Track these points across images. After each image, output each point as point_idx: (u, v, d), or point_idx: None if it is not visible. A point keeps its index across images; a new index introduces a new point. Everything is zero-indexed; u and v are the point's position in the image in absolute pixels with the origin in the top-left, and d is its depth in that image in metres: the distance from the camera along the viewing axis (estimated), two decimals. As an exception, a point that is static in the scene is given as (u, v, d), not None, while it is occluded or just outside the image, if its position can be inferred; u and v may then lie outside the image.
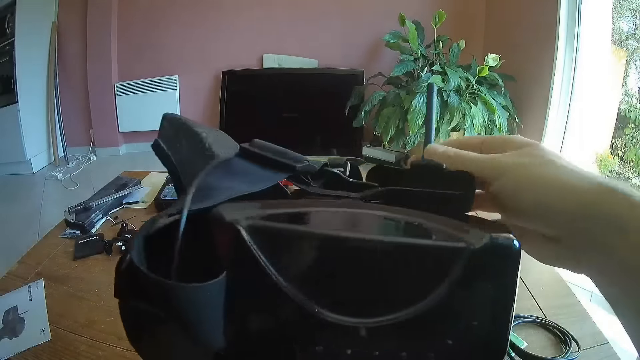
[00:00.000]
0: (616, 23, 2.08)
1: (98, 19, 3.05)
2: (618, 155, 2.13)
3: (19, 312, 0.62)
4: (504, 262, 0.28)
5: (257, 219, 0.29)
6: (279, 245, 0.28)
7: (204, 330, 0.29)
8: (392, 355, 0.29)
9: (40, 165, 3.07)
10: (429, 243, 0.28)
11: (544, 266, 0.87)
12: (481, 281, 0.28)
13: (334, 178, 0.42)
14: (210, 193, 0.32)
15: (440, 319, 0.28)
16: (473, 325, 0.28)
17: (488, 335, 0.29)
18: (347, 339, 0.29)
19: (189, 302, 0.28)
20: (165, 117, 0.41)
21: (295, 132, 3.22)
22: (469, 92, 2.29)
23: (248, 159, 0.38)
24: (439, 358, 0.29)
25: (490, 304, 0.29)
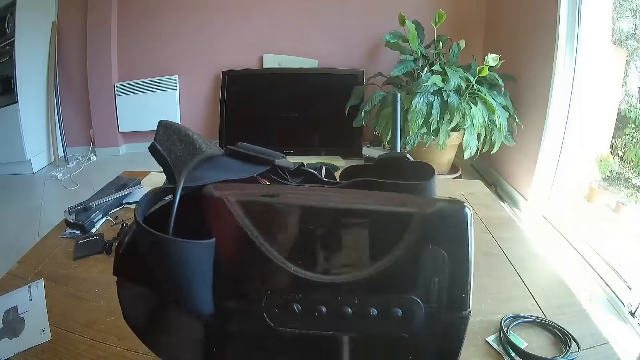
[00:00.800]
0: (616, 23, 2.08)
1: (98, 19, 3.05)
2: (618, 155, 2.13)
3: (19, 312, 0.62)
4: (454, 225, 0.32)
5: (241, 195, 0.33)
6: (260, 215, 0.33)
7: (194, 292, 0.33)
8: (363, 311, 0.32)
9: (40, 165, 3.07)
10: (387, 208, 0.32)
11: (544, 266, 0.88)
12: (435, 242, 0.32)
13: (310, 177, 0.46)
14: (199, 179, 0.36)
15: (403, 276, 0.32)
16: (434, 281, 0.32)
17: (450, 294, 0.33)
18: (321, 297, 0.33)
19: (182, 258, 0.31)
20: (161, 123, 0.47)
21: (295, 132, 3.22)
22: (469, 92, 2.28)
23: (232, 157, 0.43)
24: (406, 313, 0.32)
25: (447, 263, 0.32)
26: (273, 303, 0.33)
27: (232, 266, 0.34)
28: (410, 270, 0.32)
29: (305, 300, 0.33)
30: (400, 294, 0.32)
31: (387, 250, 0.32)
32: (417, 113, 2.19)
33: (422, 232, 0.31)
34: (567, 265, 1.86)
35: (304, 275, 0.32)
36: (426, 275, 0.32)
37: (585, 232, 2.02)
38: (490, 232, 0.94)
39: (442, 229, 0.32)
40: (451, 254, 0.32)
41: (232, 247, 0.33)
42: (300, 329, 0.33)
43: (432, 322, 0.33)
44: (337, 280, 0.32)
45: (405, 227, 0.31)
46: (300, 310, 0.33)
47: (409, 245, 0.31)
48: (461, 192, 1.15)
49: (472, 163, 3.06)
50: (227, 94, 3.21)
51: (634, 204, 2.02)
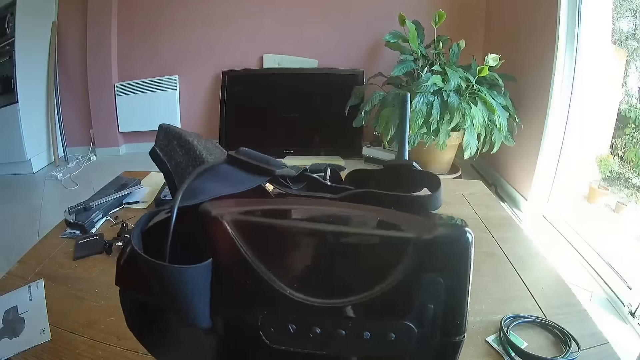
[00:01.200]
0: (616, 23, 2.08)
1: (98, 19, 3.05)
2: (618, 155, 2.13)
3: (19, 312, 0.62)
4: (454, 251, 0.31)
5: (238, 213, 0.33)
6: (256, 236, 0.33)
7: (193, 308, 0.33)
8: (356, 334, 0.32)
9: (40, 165, 3.07)
10: (385, 233, 0.32)
11: (544, 266, 0.88)
12: (434, 267, 0.31)
13: (313, 182, 0.46)
14: (198, 193, 0.36)
15: (397, 302, 0.32)
16: (429, 307, 0.32)
17: (445, 320, 0.32)
18: (316, 319, 0.33)
19: (179, 281, 0.32)
20: (161, 128, 0.47)
21: (295, 132, 3.22)
22: (469, 92, 2.28)
23: (234, 165, 0.42)
24: (400, 338, 0.32)
25: (444, 290, 0.31)
26: (268, 322, 0.34)
27: (228, 284, 0.34)
28: (406, 296, 0.32)
29: (300, 322, 0.33)
30: (394, 319, 0.32)
31: (383, 275, 0.31)
32: (417, 113, 2.19)
33: (419, 258, 0.31)
34: (567, 265, 1.86)
35: (299, 298, 0.32)
36: (421, 302, 0.32)
37: (585, 232, 2.02)
38: (490, 232, 0.94)
39: (440, 256, 0.31)
40: (449, 281, 0.32)
41: (228, 266, 0.33)
42: (295, 347, 0.34)
43: (425, 347, 0.33)
44: (330, 304, 0.32)
45: (403, 253, 0.31)
46: (295, 330, 0.33)
47: (406, 271, 0.31)
48: (461, 192, 1.15)
49: (472, 163, 3.06)
50: (227, 94, 3.21)
51: (634, 204, 2.02)
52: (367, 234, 0.32)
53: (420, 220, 0.33)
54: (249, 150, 0.43)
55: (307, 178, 0.46)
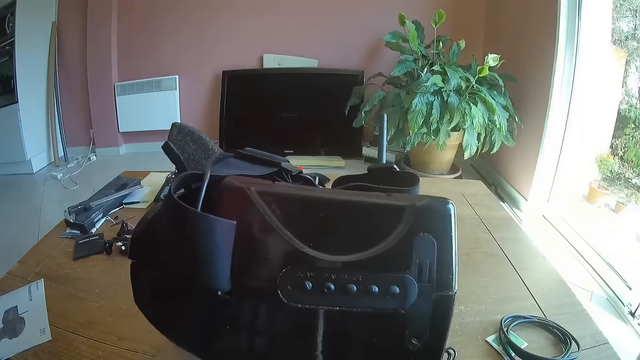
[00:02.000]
0: (616, 23, 2.08)
1: (98, 19, 3.05)
2: (618, 155, 2.13)
3: (19, 312, 0.62)
4: (440, 216, 0.38)
5: (260, 185, 0.39)
6: (277, 203, 0.38)
7: (215, 266, 0.37)
8: (365, 289, 0.38)
9: (40, 165, 3.07)
10: (387, 201, 0.39)
11: (544, 266, 0.88)
12: (425, 229, 0.38)
13: (307, 182, 0.52)
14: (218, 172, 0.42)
15: (399, 258, 0.38)
16: (425, 262, 0.38)
17: (438, 275, 0.38)
18: (329, 274, 0.38)
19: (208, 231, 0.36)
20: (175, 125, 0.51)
21: (295, 132, 3.22)
22: (469, 92, 2.28)
23: (242, 159, 0.47)
24: (402, 291, 0.38)
25: (436, 249, 0.38)
26: (287, 281, 0.38)
27: (250, 247, 0.38)
28: (406, 253, 0.38)
29: (315, 278, 0.38)
30: (398, 274, 0.38)
31: (385, 235, 0.38)
32: (417, 113, 2.19)
33: (414, 221, 0.37)
34: (567, 265, 1.86)
35: (315, 254, 0.37)
36: (419, 258, 0.38)
37: (585, 232, 2.02)
38: (490, 232, 0.94)
39: (430, 220, 0.38)
40: (439, 241, 0.38)
41: (252, 230, 0.38)
42: (310, 304, 0.38)
43: (424, 300, 0.38)
44: (343, 259, 0.37)
45: (400, 217, 0.38)
46: (311, 287, 0.37)
47: (404, 232, 0.37)
48: (461, 192, 1.15)
49: (472, 163, 3.06)
50: (227, 94, 3.21)
51: (634, 204, 2.02)
52: (372, 202, 0.38)
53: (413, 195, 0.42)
54: (254, 149, 0.49)
55: (302, 178, 0.51)
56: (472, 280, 0.74)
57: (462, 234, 0.93)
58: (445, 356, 0.54)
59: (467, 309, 0.67)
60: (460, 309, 0.67)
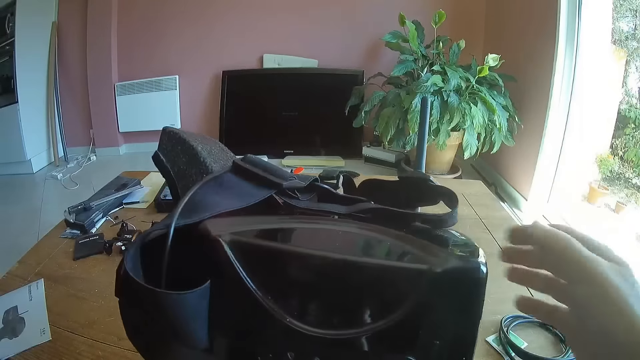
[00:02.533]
0: (616, 23, 2.08)
1: (98, 19, 3.05)
2: (618, 155, 2.13)
3: (19, 312, 0.62)
4: (466, 286, 0.28)
5: (239, 234, 0.31)
6: (257, 259, 0.31)
7: (190, 331, 0.32)
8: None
9: (40, 165, 3.07)
10: (392, 264, 0.30)
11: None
12: (442, 303, 0.29)
13: (324, 192, 0.43)
14: (199, 208, 0.34)
15: (403, 336, 0.30)
16: (434, 344, 0.29)
17: (450, 354, 0.30)
18: (315, 349, 0.31)
19: (176, 307, 0.31)
20: (165, 131, 0.45)
21: (295, 132, 3.22)
22: (469, 92, 2.28)
23: (239, 175, 0.40)
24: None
25: (452, 325, 0.29)
26: (267, 350, 0.32)
27: (226, 307, 0.33)
28: (412, 330, 0.30)
29: (299, 352, 0.32)
30: (397, 354, 0.31)
31: (389, 309, 0.30)
32: (417, 113, 2.19)
33: (428, 292, 0.29)
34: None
35: (299, 327, 0.31)
36: (428, 337, 0.30)
37: (585, 232, 2.01)
38: (490, 232, 0.94)
39: (451, 291, 0.29)
40: (458, 317, 0.30)
41: (227, 289, 0.32)
42: None
43: None
44: (333, 335, 0.31)
45: (412, 285, 0.29)
46: (294, 358, 0.32)
47: (413, 305, 0.29)
48: (461, 192, 1.15)
49: (472, 163, 3.06)
50: (227, 94, 3.21)
51: (634, 204, 2.02)
52: (373, 265, 0.30)
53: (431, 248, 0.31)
54: (255, 159, 0.42)
55: (316, 188, 0.43)
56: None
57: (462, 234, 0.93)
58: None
59: (467, 309, 0.67)
60: (460, 309, 0.67)
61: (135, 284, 0.29)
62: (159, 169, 0.44)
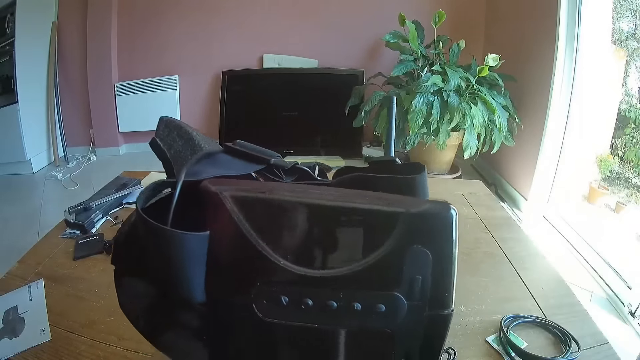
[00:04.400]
0: (616, 23, 2.08)
1: (98, 19, 3.04)
2: (618, 155, 2.13)
3: (19, 312, 0.62)
4: (440, 225, 0.33)
5: (237, 190, 0.35)
6: (252, 210, 0.34)
7: (188, 280, 0.34)
8: (347, 305, 0.33)
9: (40, 165, 3.07)
10: (375, 207, 0.33)
11: (544, 266, 0.88)
12: (421, 241, 0.33)
13: (304, 174, 0.48)
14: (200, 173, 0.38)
15: (387, 273, 0.33)
16: (417, 279, 0.33)
17: (433, 292, 0.34)
18: (308, 290, 0.34)
19: (178, 246, 0.33)
20: (162, 120, 0.48)
21: (295, 132, 3.22)
22: (469, 92, 2.28)
23: (230, 154, 0.44)
24: (389, 309, 0.33)
25: (432, 263, 0.33)
26: (261, 294, 0.34)
27: (224, 257, 0.35)
28: (395, 267, 0.33)
29: (292, 293, 0.34)
30: (384, 291, 0.34)
31: (373, 247, 0.33)
32: (417, 113, 2.19)
33: (407, 231, 0.32)
34: (567, 265, 1.86)
35: (292, 268, 0.33)
36: (410, 273, 0.33)
37: (585, 232, 2.02)
38: (490, 232, 0.94)
39: (427, 229, 0.33)
40: (435, 254, 0.33)
41: (225, 239, 0.34)
42: (286, 320, 0.35)
43: (415, 319, 0.34)
44: (323, 274, 0.33)
45: (392, 226, 0.33)
46: (287, 302, 0.34)
47: (395, 243, 0.33)
48: (461, 192, 1.15)
49: (472, 163, 3.05)
50: (227, 94, 3.20)
51: (634, 204, 2.02)
52: (359, 208, 0.33)
53: (409, 199, 0.35)
54: (244, 142, 0.46)
55: (298, 170, 0.48)
56: (472, 280, 0.74)
57: (462, 234, 0.93)
58: (445, 356, 0.54)
59: (467, 309, 0.67)
60: (460, 309, 0.67)
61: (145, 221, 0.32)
62: (155, 152, 0.48)
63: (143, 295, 0.40)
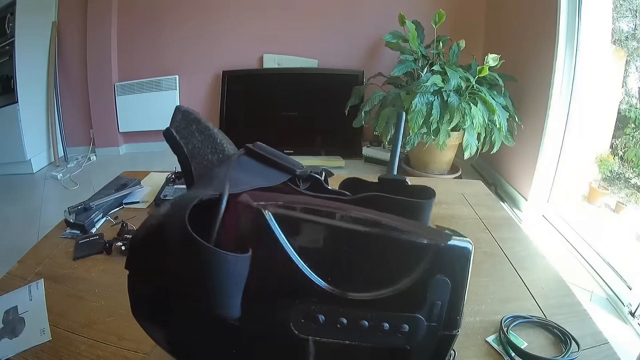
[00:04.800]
0: (616, 23, 2.08)
1: (98, 19, 3.04)
2: (618, 155, 2.13)
3: (19, 312, 0.62)
4: (459, 258, 0.36)
5: (279, 207, 0.35)
6: (295, 229, 0.35)
7: (227, 298, 0.34)
8: (377, 325, 0.37)
9: (40, 165, 3.07)
10: (411, 238, 0.36)
11: (544, 266, 0.88)
12: (444, 270, 0.36)
13: (317, 183, 0.49)
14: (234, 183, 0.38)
15: (413, 297, 0.37)
16: (437, 304, 0.37)
17: (447, 315, 0.38)
18: (343, 310, 0.36)
19: (222, 269, 0.33)
20: (179, 109, 0.46)
21: (295, 132, 3.22)
22: (469, 92, 2.28)
23: (254, 158, 0.44)
24: (412, 330, 0.37)
25: (450, 290, 0.37)
26: (299, 313, 0.36)
27: (264, 275, 0.36)
28: (420, 293, 0.36)
29: (329, 313, 0.36)
30: (409, 313, 0.37)
31: (405, 275, 0.36)
32: (417, 113, 2.19)
33: (434, 262, 0.36)
34: (567, 265, 1.86)
35: (332, 290, 0.36)
36: (432, 299, 0.37)
37: (585, 232, 2.02)
38: (490, 232, 0.94)
39: (450, 261, 0.36)
40: (454, 282, 0.37)
41: (267, 257, 0.35)
42: (321, 337, 0.37)
43: (430, 338, 0.38)
44: (360, 297, 0.36)
45: (423, 257, 0.36)
46: (323, 321, 0.36)
47: (422, 272, 0.36)
48: (461, 192, 1.15)
49: (472, 163, 3.06)
50: (227, 94, 3.20)
51: (634, 204, 2.02)
52: (396, 238, 0.36)
53: (434, 230, 0.38)
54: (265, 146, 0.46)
55: (312, 178, 0.48)
56: (472, 280, 0.74)
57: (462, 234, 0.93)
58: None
59: (467, 309, 0.67)
60: (460, 309, 0.67)
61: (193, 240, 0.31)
62: (170, 144, 0.45)
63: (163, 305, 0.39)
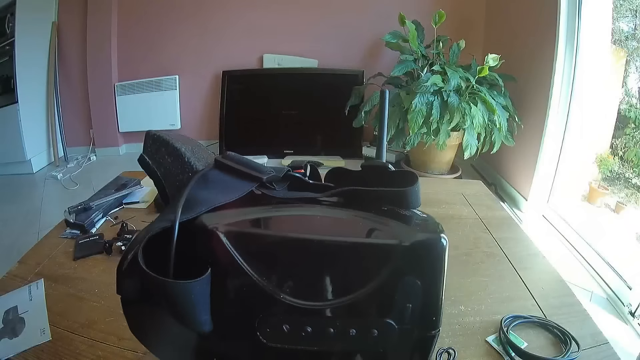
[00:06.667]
0: (616, 23, 2.08)
1: (98, 19, 3.04)
2: (618, 155, 2.13)
3: (19, 312, 0.62)
4: (430, 256, 0.34)
5: (232, 225, 0.36)
6: (250, 245, 0.36)
7: (195, 316, 0.35)
8: (343, 332, 0.36)
9: (40, 165, 3.07)
10: (367, 241, 0.36)
11: (544, 266, 0.88)
12: (412, 271, 0.35)
13: (297, 181, 0.49)
14: (193, 204, 0.39)
15: (380, 302, 0.36)
16: (408, 307, 0.35)
17: (422, 317, 0.36)
18: (307, 319, 0.36)
19: (183, 295, 0.34)
20: (148, 135, 0.48)
21: (295, 132, 3.22)
22: (469, 92, 2.28)
23: (222, 170, 0.45)
24: (382, 334, 0.36)
25: (421, 290, 0.35)
26: (264, 324, 0.37)
27: (225, 292, 0.37)
28: (387, 298, 0.36)
29: (292, 322, 0.37)
30: (377, 318, 0.36)
31: (366, 279, 0.35)
32: (417, 113, 2.19)
33: (398, 263, 0.34)
34: (567, 265, 1.86)
35: (290, 301, 0.36)
36: (401, 302, 0.36)
37: (585, 232, 2.02)
38: (490, 232, 0.94)
39: (418, 261, 0.35)
40: (425, 282, 0.35)
41: (225, 275, 0.36)
42: (288, 344, 0.37)
43: (404, 340, 0.37)
44: (320, 306, 0.36)
45: (384, 259, 0.35)
46: (288, 330, 0.37)
47: (387, 275, 0.35)
48: (461, 192, 1.15)
49: (472, 163, 3.05)
50: (227, 94, 3.20)
51: (634, 204, 2.02)
52: (350, 243, 0.35)
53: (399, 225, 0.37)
54: (235, 155, 0.46)
55: (290, 177, 0.48)
56: (472, 280, 0.74)
57: (462, 234, 0.93)
58: (445, 356, 0.54)
59: (467, 309, 0.67)
60: (460, 309, 0.67)
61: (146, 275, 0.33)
62: (145, 171, 0.47)
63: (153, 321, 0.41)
